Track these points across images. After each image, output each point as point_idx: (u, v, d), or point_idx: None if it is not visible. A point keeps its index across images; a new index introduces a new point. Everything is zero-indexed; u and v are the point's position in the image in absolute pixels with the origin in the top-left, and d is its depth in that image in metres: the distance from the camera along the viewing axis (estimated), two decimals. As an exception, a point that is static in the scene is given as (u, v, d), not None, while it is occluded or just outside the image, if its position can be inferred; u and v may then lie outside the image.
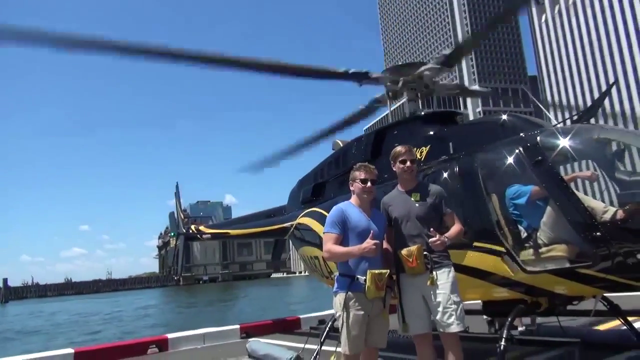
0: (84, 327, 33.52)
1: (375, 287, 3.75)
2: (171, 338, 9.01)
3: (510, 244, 4.71)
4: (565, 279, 4.39)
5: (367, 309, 3.83)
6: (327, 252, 3.93)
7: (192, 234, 12.90)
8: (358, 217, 3.97)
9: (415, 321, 3.99)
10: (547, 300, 4.87)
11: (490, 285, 4.96)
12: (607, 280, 4.15)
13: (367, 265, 3.82)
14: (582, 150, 4.70)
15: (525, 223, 4.75)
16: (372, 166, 4.14)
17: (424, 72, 6.47)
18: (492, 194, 5.00)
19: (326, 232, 3.97)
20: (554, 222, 4.47)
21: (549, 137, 4.76)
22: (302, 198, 8.36)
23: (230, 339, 9.40)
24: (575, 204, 4.28)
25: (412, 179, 4.26)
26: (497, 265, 4.75)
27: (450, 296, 3.88)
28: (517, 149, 4.80)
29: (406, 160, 4.17)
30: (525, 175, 4.77)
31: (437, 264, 3.96)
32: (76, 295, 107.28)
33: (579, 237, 4.27)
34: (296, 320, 10.61)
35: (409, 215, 4.07)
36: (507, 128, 5.22)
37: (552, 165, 4.54)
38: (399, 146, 4.29)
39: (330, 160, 7.98)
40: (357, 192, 4.08)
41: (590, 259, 4.17)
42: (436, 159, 5.67)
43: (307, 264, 8.27)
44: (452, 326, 3.82)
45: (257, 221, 10.75)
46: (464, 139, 5.59)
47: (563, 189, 4.41)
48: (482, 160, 5.12)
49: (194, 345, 9.01)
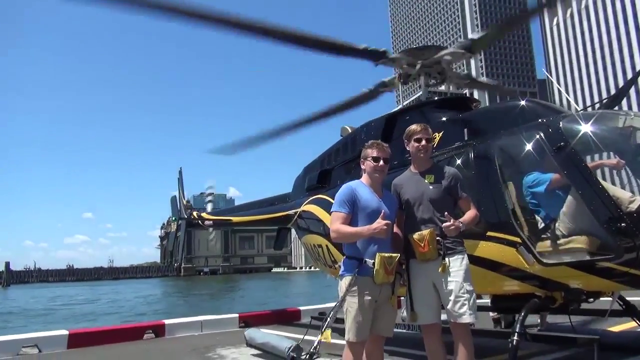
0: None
1: (384, 271, 3.52)
2: (168, 324, 8.83)
3: (526, 235, 4.48)
4: (584, 272, 4.15)
5: (374, 295, 3.60)
6: (334, 231, 3.69)
7: (194, 220, 12.69)
8: (369, 197, 3.73)
9: (425, 310, 3.75)
10: (562, 296, 4.63)
11: (503, 278, 4.73)
12: (630, 274, 3.90)
13: (376, 248, 3.59)
14: (607, 137, 4.44)
15: (544, 213, 4.50)
16: (385, 144, 3.90)
17: (444, 56, 6.20)
18: (509, 182, 4.76)
19: (334, 210, 3.72)
20: (574, 212, 4.22)
21: (571, 123, 4.50)
22: (307, 185, 8.13)
23: (228, 327, 9.22)
24: (598, 193, 4.03)
25: (426, 159, 4.01)
26: (512, 256, 4.52)
27: (463, 284, 3.63)
28: (537, 135, 4.55)
29: (421, 139, 3.91)
30: (545, 162, 4.52)
31: (450, 250, 3.71)
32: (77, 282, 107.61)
33: (601, 228, 4.01)
34: (296, 312, 10.42)
35: (422, 198, 3.82)
36: (526, 113, 4.97)
37: (575, 152, 4.27)
38: (413, 124, 4.05)
39: (338, 147, 7.74)
40: (369, 170, 3.84)
41: (614, 251, 3.92)
42: (450, 145, 5.43)
43: (310, 252, 8.05)
44: (464, 316, 3.58)
45: (260, 208, 10.51)
46: (480, 125, 5.35)
47: (586, 177, 4.15)
48: (499, 146, 4.88)
49: (192, 332, 8.83)
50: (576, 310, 5.13)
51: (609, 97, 5.22)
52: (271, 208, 9.82)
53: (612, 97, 5.12)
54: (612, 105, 5.07)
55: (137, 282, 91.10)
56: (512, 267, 4.56)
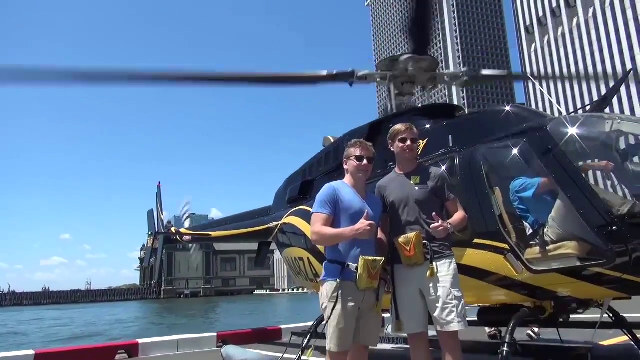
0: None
1: (368, 276, 3.30)
2: (142, 343, 8.45)
3: (514, 241, 4.32)
4: (574, 279, 3.99)
5: (357, 301, 3.37)
6: (315, 233, 3.48)
7: (172, 236, 12.29)
8: (352, 198, 3.54)
9: (411, 318, 3.54)
10: (551, 306, 4.46)
11: (491, 287, 4.54)
12: (622, 280, 3.75)
13: (359, 251, 3.38)
14: (595, 140, 4.34)
15: (532, 218, 4.36)
16: (369, 143, 3.73)
17: (407, 62, 6.16)
18: (496, 188, 4.61)
19: (315, 211, 3.52)
20: (563, 216, 4.07)
21: (558, 126, 4.39)
22: (288, 197, 7.89)
23: (205, 347, 8.86)
24: (588, 197, 3.89)
25: (412, 159, 3.85)
26: (500, 264, 4.35)
27: (452, 290, 3.43)
28: (524, 139, 4.44)
29: (406, 139, 3.76)
30: (533, 166, 4.40)
31: (437, 254, 3.52)
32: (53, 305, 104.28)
33: (592, 233, 3.86)
34: (277, 330, 10.08)
35: (408, 200, 3.64)
36: (512, 118, 4.87)
37: (562, 156, 4.14)
38: (398, 124, 3.90)
39: (320, 156, 7.55)
40: (352, 170, 3.66)
41: (605, 256, 3.77)
42: (435, 152, 5.29)
43: (291, 267, 7.77)
44: (452, 324, 3.37)
45: (240, 222, 10.21)
46: (465, 131, 5.23)
47: (574, 180, 4.02)
48: (484, 152, 4.75)
49: (167, 352, 8.46)
50: (565, 323, 4.96)
51: (596, 100, 5.16)
52: (251, 222, 9.53)
53: (599, 101, 5.05)
54: (600, 108, 5.00)
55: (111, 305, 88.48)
56: (500, 275, 4.39)
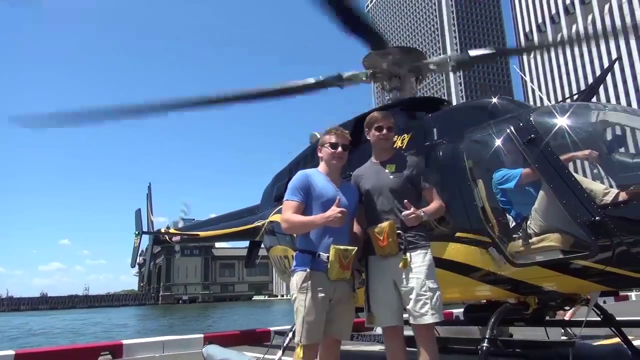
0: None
1: (339, 266, 3.18)
2: (127, 344, 8.25)
3: (496, 234, 4.20)
4: (558, 272, 3.86)
5: (328, 292, 3.24)
6: (284, 221, 3.36)
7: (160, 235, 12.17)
8: (324, 185, 3.42)
9: (384, 311, 3.40)
10: (535, 301, 4.33)
11: (473, 282, 4.42)
12: (607, 273, 3.63)
13: (331, 240, 3.25)
14: (579, 129, 4.21)
15: (515, 210, 4.25)
16: (345, 130, 3.62)
17: (386, 57, 6.11)
18: (478, 180, 4.50)
19: (286, 199, 3.40)
20: (546, 208, 3.95)
21: (542, 116, 4.29)
22: (275, 194, 7.78)
23: (192, 348, 8.67)
24: (571, 187, 3.77)
25: (388, 148, 3.73)
26: (482, 258, 4.22)
27: (426, 282, 3.30)
28: (507, 129, 4.32)
29: (382, 127, 3.64)
30: (515, 157, 4.29)
31: (411, 245, 3.39)
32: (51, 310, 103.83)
33: (575, 224, 3.73)
34: (266, 332, 9.89)
35: (382, 189, 3.52)
36: (496, 110, 4.76)
37: (545, 145, 4.02)
38: (375, 112, 3.79)
39: (307, 153, 7.44)
40: (326, 157, 3.54)
41: (589, 248, 3.65)
42: (419, 145, 5.18)
43: (276, 265, 7.65)
44: (425, 316, 3.23)
45: (228, 222, 10.10)
46: (449, 124, 5.12)
47: (557, 170, 3.90)
48: (468, 143, 4.65)
49: (152, 353, 8.27)
50: (552, 322, 4.83)
51: (583, 90, 5.07)
52: (240, 221, 9.42)
53: (586, 90, 4.96)
54: (587, 98, 4.90)
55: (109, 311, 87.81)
56: (483, 270, 4.26)
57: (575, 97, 5.04)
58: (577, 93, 5.14)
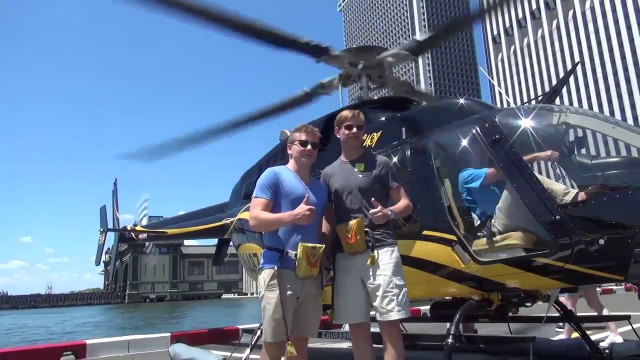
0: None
1: (307, 263, 3.18)
2: (90, 344, 8.06)
3: (462, 232, 4.30)
4: (520, 269, 3.97)
5: (295, 290, 3.25)
6: (253, 218, 3.34)
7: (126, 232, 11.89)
8: (293, 183, 3.42)
9: (351, 308, 3.43)
10: (499, 297, 4.44)
11: (439, 279, 4.50)
12: (566, 270, 3.75)
13: (299, 238, 3.26)
14: (542, 130, 4.35)
15: (479, 209, 4.35)
16: (315, 128, 3.62)
17: (386, 57, 6.10)
18: (444, 179, 4.60)
19: (255, 196, 3.39)
20: (509, 207, 4.07)
21: (506, 117, 4.40)
22: (244, 192, 7.73)
23: (158, 347, 8.52)
24: (533, 187, 3.89)
25: (357, 147, 3.76)
26: (447, 255, 4.31)
27: (392, 279, 3.34)
28: (472, 130, 4.43)
29: (352, 126, 3.66)
30: (481, 157, 4.39)
31: (379, 242, 3.43)
32: (12, 310, 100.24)
33: (536, 223, 3.86)
34: (234, 331, 9.82)
35: (351, 188, 3.55)
36: (463, 110, 4.87)
37: (509, 146, 4.13)
38: (345, 110, 3.81)
39: (276, 151, 7.42)
40: (295, 155, 3.54)
41: (549, 246, 3.77)
42: (388, 144, 5.24)
43: (245, 263, 7.60)
44: (391, 313, 3.27)
45: (196, 219, 9.97)
46: (417, 123, 5.21)
47: (520, 171, 4.02)
48: (434, 143, 4.74)
49: (117, 353, 8.10)
50: (513, 318, 4.96)
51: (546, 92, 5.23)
52: (208, 219, 9.31)
53: (549, 93, 5.12)
54: (549, 100, 5.07)
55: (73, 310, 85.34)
56: (449, 267, 4.35)
57: (540, 99, 5.20)
58: (541, 95, 5.30)
